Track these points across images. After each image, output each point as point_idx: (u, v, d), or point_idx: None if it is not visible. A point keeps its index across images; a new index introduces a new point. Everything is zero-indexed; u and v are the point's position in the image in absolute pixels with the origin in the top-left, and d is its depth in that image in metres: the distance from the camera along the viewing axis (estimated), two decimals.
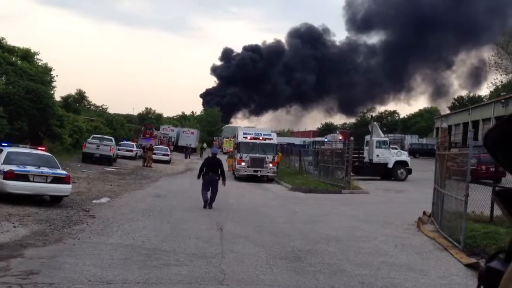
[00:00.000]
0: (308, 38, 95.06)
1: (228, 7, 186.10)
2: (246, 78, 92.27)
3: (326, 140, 52.11)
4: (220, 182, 15.46)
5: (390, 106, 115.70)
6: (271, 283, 7.11)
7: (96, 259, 7.85)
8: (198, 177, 15.62)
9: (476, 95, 70.54)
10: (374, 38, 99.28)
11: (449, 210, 11.40)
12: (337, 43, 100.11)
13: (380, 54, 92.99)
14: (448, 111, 68.47)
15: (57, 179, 13.52)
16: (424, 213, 14.07)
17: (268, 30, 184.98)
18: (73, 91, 51.92)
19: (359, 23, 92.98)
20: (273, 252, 9.25)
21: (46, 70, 35.84)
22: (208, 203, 14.92)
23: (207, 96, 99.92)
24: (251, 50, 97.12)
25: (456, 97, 74.85)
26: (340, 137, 51.54)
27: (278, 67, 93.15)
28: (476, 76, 77.29)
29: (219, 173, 15.36)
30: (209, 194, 15.02)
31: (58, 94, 57.85)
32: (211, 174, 15.19)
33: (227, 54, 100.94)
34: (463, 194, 10.09)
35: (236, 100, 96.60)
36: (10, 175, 12.93)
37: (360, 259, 8.96)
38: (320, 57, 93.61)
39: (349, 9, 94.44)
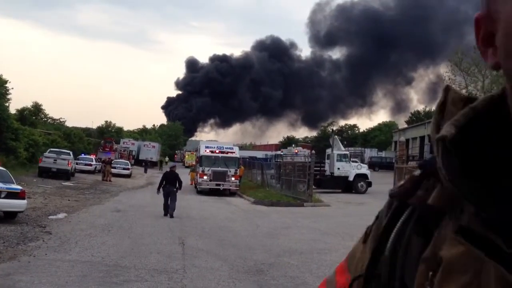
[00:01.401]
0: (275, 51, 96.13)
1: (189, 21, 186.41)
2: (213, 91, 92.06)
3: (282, 153, 53.15)
4: (178, 192, 17.11)
5: (351, 120, 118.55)
6: None
7: (53, 277, 7.58)
8: (158, 190, 17.25)
9: (432, 110, 72.97)
10: (337, 54, 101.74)
11: None
12: (303, 58, 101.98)
13: (344, 70, 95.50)
14: (405, 125, 70.47)
15: (11, 195, 13.03)
16: None
17: (231, 45, 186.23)
18: (29, 104, 50.23)
19: (322, 40, 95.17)
20: (236, 266, 9.19)
21: (1, 82, 34.63)
22: (168, 212, 16.34)
23: (170, 106, 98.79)
24: (218, 60, 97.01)
25: (413, 111, 77.29)
26: (296, 151, 52.60)
27: (245, 81, 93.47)
28: (434, 91, 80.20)
29: (177, 185, 17.08)
30: (169, 204, 16.56)
31: (13, 106, 56.00)
32: (169, 186, 16.88)
33: (192, 65, 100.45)
34: None
35: (202, 112, 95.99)
36: None
37: (323, 272, 9.02)
38: (287, 71, 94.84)
39: (312, 27, 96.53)
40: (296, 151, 53.51)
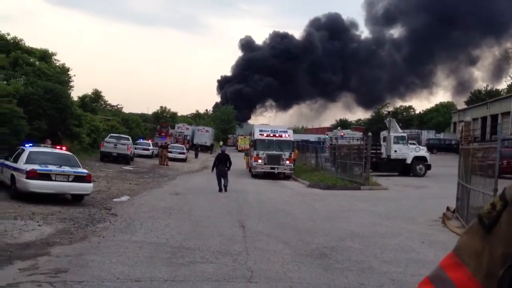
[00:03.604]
0: (332, 30, 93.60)
1: (238, 4, 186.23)
2: (272, 74, 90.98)
3: (327, 136, 53.13)
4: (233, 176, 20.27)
5: (410, 102, 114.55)
6: (300, 281, 7.02)
7: (122, 257, 7.84)
8: (212, 169, 19.86)
9: (494, 89, 69.46)
10: (396, 34, 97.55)
11: (475, 205, 11.18)
12: (362, 37, 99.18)
13: (404, 49, 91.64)
14: (464, 106, 67.51)
15: (79, 178, 13.60)
16: (448, 209, 13.85)
17: (281, 27, 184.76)
18: (89, 91, 52.10)
19: (380, 20, 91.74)
20: (298, 249, 9.16)
21: (64, 70, 36.01)
22: (223, 188, 18.92)
23: (224, 87, 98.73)
24: (279, 37, 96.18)
25: (473, 91, 73.78)
26: (342, 133, 52.17)
27: (305, 64, 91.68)
28: (499, 68, 75.90)
29: (228, 165, 19.50)
30: (222, 181, 19.05)
31: (75, 94, 58.28)
32: (221, 166, 19.32)
33: (248, 45, 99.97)
34: (491, 189, 9.88)
35: (262, 94, 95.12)
36: (32, 174, 13.04)
37: (387, 256, 8.82)
38: (346, 52, 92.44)
39: (368, 7, 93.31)
40: (342, 133, 52.94)
